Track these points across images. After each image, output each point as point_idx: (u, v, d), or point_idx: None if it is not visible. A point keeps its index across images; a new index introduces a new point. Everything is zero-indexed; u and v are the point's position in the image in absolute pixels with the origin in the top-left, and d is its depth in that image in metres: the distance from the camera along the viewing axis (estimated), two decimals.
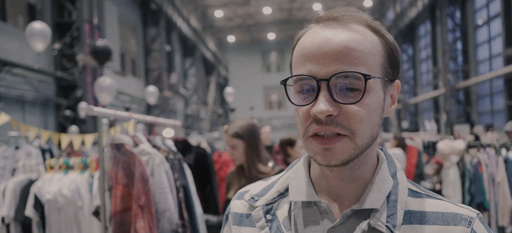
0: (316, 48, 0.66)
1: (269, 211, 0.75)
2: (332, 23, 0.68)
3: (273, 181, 0.81)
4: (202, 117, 25.14)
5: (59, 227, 2.90)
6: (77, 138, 3.50)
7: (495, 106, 16.41)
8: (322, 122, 0.64)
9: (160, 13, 18.35)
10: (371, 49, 0.67)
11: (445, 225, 0.68)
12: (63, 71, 11.28)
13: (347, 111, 0.64)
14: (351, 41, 0.65)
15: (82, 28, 11.28)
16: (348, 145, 0.65)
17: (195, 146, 2.71)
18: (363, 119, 0.65)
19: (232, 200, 0.84)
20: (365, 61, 0.65)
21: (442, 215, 0.69)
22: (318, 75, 0.65)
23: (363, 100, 0.65)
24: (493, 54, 16.31)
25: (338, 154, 0.65)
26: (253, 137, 2.16)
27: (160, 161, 1.93)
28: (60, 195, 2.85)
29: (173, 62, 21.00)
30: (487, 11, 16.42)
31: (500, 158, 4.48)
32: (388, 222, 0.67)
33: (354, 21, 0.68)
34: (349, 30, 0.67)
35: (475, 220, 0.69)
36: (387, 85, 0.70)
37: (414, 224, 0.68)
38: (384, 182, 0.70)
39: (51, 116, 11.15)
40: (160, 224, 1.88)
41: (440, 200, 0.72)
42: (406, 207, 0.70)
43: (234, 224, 0.80)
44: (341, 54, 0.64)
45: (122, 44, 16.39)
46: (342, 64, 0.64)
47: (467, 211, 0.70)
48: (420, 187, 0.75)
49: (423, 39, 22.78)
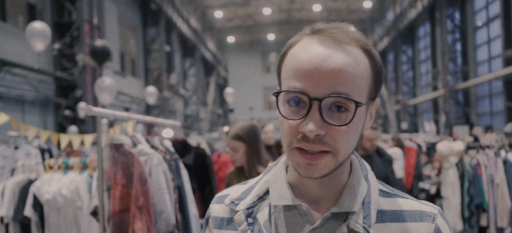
0: (312, 67, 0.67)
1: (250, 214, 0.77)
2: (328, 40, 0.69)
3: (251, 185, 0.83)
4: (201, 117, 25.13)
5: (58, 227, 2.90)
6: (77, 138, 3.50)
7: (494, 108, 16.42)
8: (309, 140, 0.67)
9: (160, 13, 18.36)
10: (362, 73, 0.69)
11: (413, 221, 0.73)
12: (63, 71, 11.28)
13: (334, 132, 0.67)
14: (346, 64, 0.67)
15: (82, 28, 11.27)
16: (330, 161, 0.69)
17: (194, 146, 2.71)
18: (348, 139, 0.69)
19: (212, 204, 0.86)
20: (357, 86, 0.68)
21: (409, 213, 0.74)
22: (311, 94, 0.66)
23: (350, 124, 0.68)
24: (492, 56, 16.32)
25: (320, 169, 0.69)
26: (254, 139, 2.16)
27: (158, 161, 1.93)
28: (59, 195, 2.85)
29: (173, 63, 21.00)
30: (487, 13, 16.44)
31: (499, 159, 4.48)
32: (364, 223, 0.72)
33: (348, 41, 0.69)
34: (344, 51, 0.68)
35: (438, 215, 0.75)
36: (369, 105, 0.73)
37: (386, 222, 0.73)
38: (359, 186, 0.75)
39: (51, 116, 11.15)
40: (156, 225, 1.88)
41: (407, 199, 0.77)
42: (378, 207, 0.75)
43: (215, 228, 0.82)
44: (335, 77, 0.66)
45: (122, 45, 16.39)
46: (336, 86, 0.66)
47: (430, 208, 0.76)
48: (389, 187, 0.79)
49: (423, 41, 22.79)
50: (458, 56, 17.83)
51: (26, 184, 3.04)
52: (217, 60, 30.35)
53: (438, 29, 19.05)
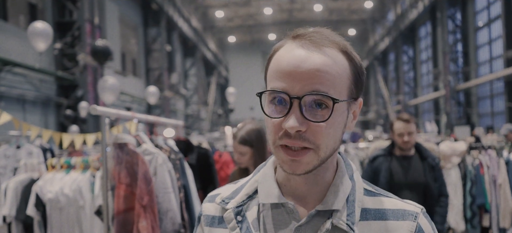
0: (291, 67, 0.71)
1: (239, 212, 0.80)
2: (307, 43, 0.73)
3: (241, 184, 0.86)
4: (202, 117, 25.13)
5: (61, 227, 2.89)
6: (79, 138, 3.50)
7: (495, 108, 16.41)
8: (291, 136, 0.71)
9: (161, 13, 18.36)
10: (340, 73, 0.73)
11: (396, 220, 0.76)
12: (64, 71, 11.28)
13: (314, 129, 0.71)
14: (324, 64, 0.71)
15: (83, 28, 11.27)
16: (313, 157, 0.72)
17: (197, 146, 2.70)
18: (328, 135, 0.72)
19: (204, 203, 0.89)
20: (334, 84, 0.72)
21: (392, 211, 0.77)
22: (291, 92, 0.71)
23: (330, 120, 0.71)
24: (493, 56, 16.30)
25: (303, 165, 0.73)
26: (260, 143, 2.15)
27: (163, 160, 1.93)
28: (61, 194, 2.84)
29: (174, 62, 21.01)
30: (488, 13, 16.42)
31: (502, 159, 4.47)
32: (348, 220, 0.74)
33: (328, 44, 0.73)
34: (322, 53, 0.72)
35: (420, 214, 0.78)
36: (351, 104, 0.77)
37: (370, 220, 0.76)
38: (344, 184, 0.78)
39: (52, 116, 11.15)
40: (162, 224, 1.88)
41: (390, 198, 0.80)
42: (363, 205, 0.78)
43: (206, 225, 0.85)
44: (313, 75, 0.70)
45: (123, 44, 16.40)
46: (314, 84, 0.70)
47: (413, 207, 0.79)
48: (374, 186, 0.83)
49: (424, 41, 22.77)
50: (459, 56, 17.81)
51: (29, 183, 3.04)
52: (218, 60, 30.36)
53: (439, 30, 19.03)
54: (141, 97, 16.84)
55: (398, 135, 3.00)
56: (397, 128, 2.99)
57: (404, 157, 3.05)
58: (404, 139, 2.96)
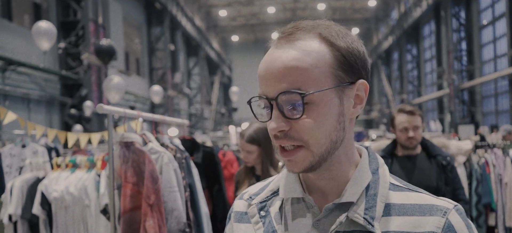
0: (264, 70, 0.73)
1: (263, 208, 0.82)
2: (281, 42, 0.74)
3: (269, 181, 0.88)
4: (205, 116, 25.16)
5: (66, 225, 2.90)
6: (84, 137, 3.51)
7: (499, 107, 16.32)
8: (278, 137, 0.72)
9: (164, 12, 18.38)
10: (313, 63, 0.71)
11: (422, 215, 0.72)
12: (68, 70, 11.31)
13: (296, 125, 0.71)
14: (292, 60, 0.70)
15: (87, 27, 11.30)
16: (306, 154, 0.72)
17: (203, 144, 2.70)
18: (311, 129, 0.71)
19: (236, 201, 0.92)
20: (307, 76, 0.70)
21: (419, 206, 0.73)
22: (268, 95, 0.72)
23: (308, 113, 0.70)
24: (498, 55, 16.22)
25: (298, 163, 0.73)
26: (268, 142, 2.14)
27: (169, 159, 1.92)
28: (67, 193, 2.85)
29: (177, 62, 21.03)
30: (492, 12, 16.34)
31: (508, 158, 4.44)
32: (366, 214, 0.72)
33: (303, 36, 0.73)
34: (293, 48, 0.72)
35: (451, 210, 0.73)
36: (345, 89, 0.73)
37: (393, 215, 0.73)
38: (362, 177, 0.76)
39: (56, 115, 11.19)
40: (168, 223, 1.87)
41: (420, 193, 0.76)
42: (387, 200, 0.75)
43: (235, 221, 0.87)
44: (282, 74, 0.70)
45: (127, 44, 16.43)
46: (283, 83, 0.70)
47: (444, 203, 0.74)
48: (403, 182, 0.79)
49: (428, 39, 22.69)
50: (464, 55, 17.74)
51: (34, 182, 3.05)
52: (221, 59, 30.36)
53: (443, 28, 18.95)
54: (145, 96, 16.87)
55: (401, 130, 2.51)
56: (400, 121, 2.50)
57: (408, 157, 2.56)
58: (408, 134, 2.47)
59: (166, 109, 17.71)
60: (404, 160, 2.58)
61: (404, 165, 2.57)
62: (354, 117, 0.77)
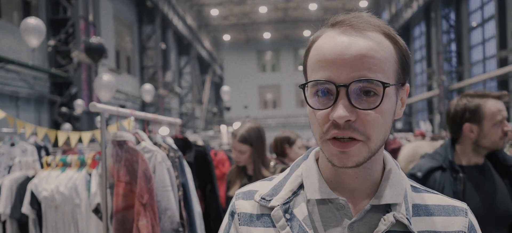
0: (335, 55, 0.68)
1: (287, 210, 0.76)
2: (349, 29, 0.70)
3: (280, 180, 0.81)
4: (197, 116, 25.08)
5: (56, 225, 2.87)
6: (74, 135, 3.47)
7: None
8: (340, 127, 0.67)
9: (155, 10, 18.27)
10: (387, 57, 0.69)
11: (448, 216, 0.75)
12: (58, 68, 11.19)
13: (364, 117, 0.67)
14: (369, 49, 0.68)
15: (77, 25, 11.19)
16: (363, 149, 0.69)
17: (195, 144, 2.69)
18: (378, 124, 0.68)
19: (237, 200, 0.83)
20: (382, 69, 0.68)
21: (442, 207, 0.76)
22: (337, 81, 0.67)
23: (380, 107, 0.68)
24: (486, 56, 16.42)
25: (353, 157, 0.69)
26: (260, 142, 2.15)
27: (162, 158, 1.91)
28: (57, 192, 2.82)
29: (168, 60, 20.93)
30: (482, 13, 16.53)
31: None
32: (407, 215, 0.72)
33: (370, 28, 0.70)
34: (366, 37, 0.69)
35: (468, 210, 0.77)
36: (399, 89, 0.73)
37: (422, 216, 0.74)
38: (399, 179, 0.75)
39: (45, 113, 11.06)
40: (161, 222, 1.86)
41: (436, 194, 0.78)
42: (413, 201, 0.75)
43: (242, 224, 0.79)
44: (360, 62, 0.67)
45: (117, 42, 16.30)
46: (361, 71, 0.67)
47: (460, 203, 0.78)
48: (416, 183, 0.81)
49: (418, 40, 22.88)
50: (453, 56, 17.92)
51: (24, 181, 3.01)
52: (213, 58, 30.29)
53: (433, 29, 19.13)
54: (136, 95, 16.76)
55: (495, 123, 1.66)
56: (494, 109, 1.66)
57: (476, 169, 1.71)
58: (504, 127, 1.66)
59: (157, 108, 17.62)
60: (474, 172, 1.71)
61: (476, 181, 1.70)
62: None
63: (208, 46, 29.28)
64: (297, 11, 27.76)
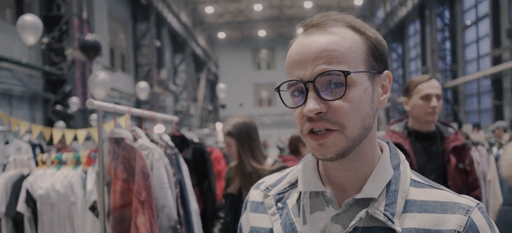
0: (299, 55, 0.73)
1: (280, 199, 0.82)
2: (313, 30, 0.74)
3: (286, 173, 0.88)
4: (192, 113, 25.03)
5: (52, 223, 2.85)
6: (70, 133, 3.44)
7: (482, 106, 16.64)
8: (314, 119, 0.71)
9: (150, 8, 18.19)
10: (350, 47, 0.72)
11: (443, 213, 0.71)
12: (52, 65, 11.10)
13: (334, 107, 0.70)
14: (330, 43, 0.72)
15: (71, 22, 11.10)
16: (339, 138, 0.71)
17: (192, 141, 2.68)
18: (349, 112, 0.71)
19: (251, 190, 0.91)
20: (345, 59, 0.71)
21: (441, 204, 0.72)
22: (304, 78, 0.71)
23: (347, 95, 0.70)
24: (481, 54, 16.52)
25: (331, 148, 0.71)
26: (244, 135, 2.20)
27: (159, 156, 1.90)
28: (53, 190, 2.80)
29: (163, 58, 20.86)
30: (476, 12, 16.62)
31: (492, 156, 4.53)
32: (386, 211, 0.71)
33: (334, 24, 0.74)
34: (328, 33, 0.73)
35: (474, 209, 0.72)
36: (375, 77, 0.75)
37: (414, 212, 0.72)
38: (383, 173, 0.75)
39: (39, 111, 10.98)
40: (158, 219, 1.85)
41: (441, 190, 0.75)
42: (407, 197, 0.74)
43: (251, 211, 0.87)
44: (321, 56, 0.71)
45: (112, 39, 16.21)
46: (322, 64, 0.71)
47: (467, 201, 0.73)
48: (424, 178, 0.78)
49: (413, 39, 22.97)
50: (448, 54, 18.02)
51: (19, 179, 2.98)
52: (208, 56, 30.23)
53: (428, 28, 19.20)
54: (130, 93, 16.69)
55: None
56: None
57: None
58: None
59: (152, 106, 17.56)
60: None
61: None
62: (379, 107, 0.78)
63: (203, 43, 29.21)
64: (292, 9, 27.77)
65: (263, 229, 0.82)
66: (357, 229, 0.72)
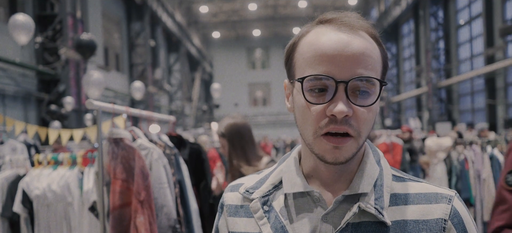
0: (336, 51, 0.69)
1: (266, 202, 0.79)
2: (343, 27, 0.71)
3: (266, 175, 0.85)
4: (186, 113, 24.97)
5: (48, 223, 2.83)
6: (66, 133, 3.43)
7: (475, 105, 16.75)
8: (338, 122, 0.68)
9: (144, 7, 18.12)
10: (377, 58, 0.72)
11: (428, 203, 0.74)
12: (45, 65, 11.03)
13: (358, 114, 0.69)
14: (366, 48, 0.70)
15: (64, 22, 11.03)
16: (353, 145, 0.71)
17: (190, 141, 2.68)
18: (369, 121, 0.71)
19: (225, 192, 0.88)
20: (376, 68, 0.71)
21: (424, 195, 0.75)
22: (337, 76, 0.68)
23: (374, 105, 0.71)
24: (474, 54, 16.63)
25: (345, 153, 0.70)
26: (235, 136, 2.19)
27: (158, 155, 1.90)
28: (49, 190, 2.78)
29: (158, 58, 20.79)
30: (469, 11, 16.73)
31: (486, 154, 4.57)
32: (376, 205, 0.72)
33: (361, 28, 0.72)
34: (361, 37, 0.71)
35: (454, 197, 0.75)
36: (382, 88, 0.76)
37: (400, 205, 0.74)
38: (371, 169, 0.76)
39: (33, 111, 10.90)
40: (158, 219, 1.85)
41: (421, 182, 0.78)
42: (392, 191, 0.76)
43: (229, 215, 0.84)
44: (359, 60, 0.69)
45: (106, 39, 16.13)
46: (360, 68, 0.69)
47: (446, 190, 0.76)
48: (402, 172, 0.80)
49: (407, 38, 23.08)
50: (441, 54, 18.13)
51: (15, 179, 2.96)
52: (202, 55, 30.17)
53: (421, 27, 19.31)
54: (125, 92, 16.61)
55: None
56: None
57: None
58: None
59: (146, 106, 17.49)
60: None
61: None
62: None
63: (198, 43, 29.15)
64: (287, 9, 27.79)
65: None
66: (349, 225, 0.72)
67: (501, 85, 14.56)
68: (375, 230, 0.72)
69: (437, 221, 0.72)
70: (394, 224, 0.72)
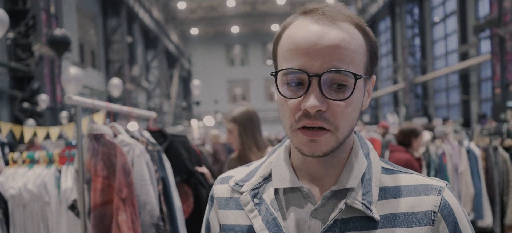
0: (309, 44, 0.68)
1: (256, 195, 0.78)
2: (322, 18, 0.70)
3: (255, 167, 0.84)
4: (165, 110, 24.70)
5: (24, 224, 2.73)
6: (41, 131, 3.31)
7: (450, 101, 17.16)
8: (311, 116, 0.68)
9: (120, 3, 17.79)
10: (358, 49, 0.70)
11: (418, 195, 0.73)
12: (18, 62, 10.69)
13: (334, 108, 0.68)
14: (342, 40, 0.68)
15: (38, 17, 10.72)
16: (331, 138, 0.69)
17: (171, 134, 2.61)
18: (347, 115, 0.69)
19: (215, 185, 0.87)
20: (354, 60, 0.69)
21: (414, 187, 0.74)
22: (310, 70, 0.67)
23: (350, 98, 0.68)
24: (449, 51, 17.02)
25: (322, 146, 0.69)
26: (247, 122, 2.26)
27: (140, 152, 1.85)
28: (25, 190, 2.68)
29: (135, 54, 20.46)
30: (444, 9, 17.11)
31: (463, 148, 4.67)
32: (363, 200, 0.71)
33: (342, 18, 0.70)
34: (339, 28, 0.69)
35: (445, 188, 0.74)
36: (367, 81, 0.74)
37: (389, 198, 0.73)
38: (359, 163, 0.75)
39: (5, 109, 10.56)
40: (140, 217, 1.80)
41: (411, 174, 0.76)
42: (381, 184, 0.74)
43: (220, 208, 0.83)
44: (333, 52, 0.67)
45: (81, 35, 15.77)
46: (334, 61, 0.67)
47: (437, 181, 0.75)
48: (392, 164, 0.79)
49: (384, 35, 23.43)
50: (417, 50, 18.49)
51: None
52: (181, 52, 29.88)
53: (398, 24, 19.64)
54: (101, 90, 16.29)
55: None
56: None
57: None
58: None
59: (124, 103, 17.20)
60: None
61: None
62: None
63: (176, 40, 28.84)
64: (265, 5, 27.78)
65: (239, 226, 0.78)
66: (337, 222, 0.71)
67: (475, 81, 14.95)
68: (363, 226, 0.71)
69: (426, 213, 0.71)
70: (383, 218, 0.71)
